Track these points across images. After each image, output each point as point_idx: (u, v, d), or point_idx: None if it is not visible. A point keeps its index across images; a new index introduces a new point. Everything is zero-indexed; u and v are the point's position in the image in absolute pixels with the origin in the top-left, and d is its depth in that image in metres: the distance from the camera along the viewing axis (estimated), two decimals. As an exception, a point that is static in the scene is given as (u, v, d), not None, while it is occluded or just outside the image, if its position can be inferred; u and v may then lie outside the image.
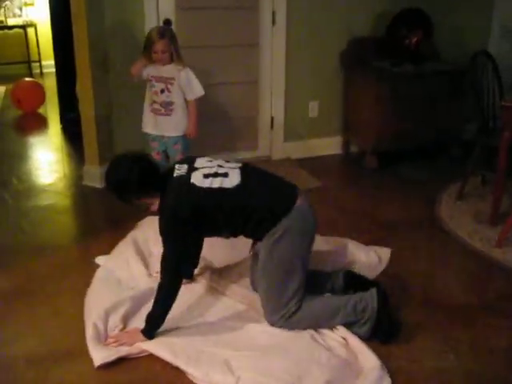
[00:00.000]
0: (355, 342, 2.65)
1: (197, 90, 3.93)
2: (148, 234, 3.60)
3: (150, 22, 4.35)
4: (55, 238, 3.77)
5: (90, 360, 2.56)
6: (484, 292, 3.21)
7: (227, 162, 2.79)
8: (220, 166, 2.71)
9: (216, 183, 2.62)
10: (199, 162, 2.75)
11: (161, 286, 2.65)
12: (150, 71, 3.88)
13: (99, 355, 2.56)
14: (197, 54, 4.61)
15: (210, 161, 2.77)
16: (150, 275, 3.19)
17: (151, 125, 3.99)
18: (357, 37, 5.00)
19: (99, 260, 3.40)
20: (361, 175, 4.87)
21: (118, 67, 4.31)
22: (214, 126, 4.85)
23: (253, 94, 4.95)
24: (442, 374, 2.54)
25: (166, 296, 2.65)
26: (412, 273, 3.34)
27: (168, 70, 3.85)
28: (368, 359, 2.55)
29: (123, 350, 2.59)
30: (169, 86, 3.87)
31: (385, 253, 3.52)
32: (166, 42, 3.75)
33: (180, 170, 2.71)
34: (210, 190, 2.60)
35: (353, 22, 4.98)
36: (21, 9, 8.65)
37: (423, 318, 2.93)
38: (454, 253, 3.61)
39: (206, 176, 2.64)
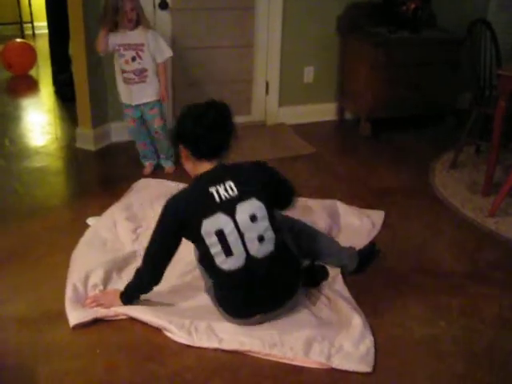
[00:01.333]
0: (340, 302, 2.68)
1: (166, 51, 3.86)
2: (143, 198, 3.62)
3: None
4: (48, 200, 3.76)
5: (82, 321, 2.58)
6: (475, 261, 3.21)
7: (261, 239, 2.45)
8: (240, 238, 2.43)
9: (214, 248, 2.42)
10: (241, 210, 2.43)
11: (138, 268, 2.61)
12: (116, 40, 3.73)
13: (75, 315, 2.58)
14: (191, 17, 4.57)
15: (253, 220, 2.44)
16: (135, 240, 3.19)
17: (126, 95, 3.89)
18: (354, 2, 4.93)
19: (90, 221, 3.40)
20: (355, 142, 4.85)
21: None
22: (208, 89, 4.79)
23: (248, 58, 4.89)
24: (432, 341, 2.56)
25: (140, 279, 2.60)
26: (404, 240, 3.36)
27: (136, 35, 3.74)
28: (352, 317, 2.58)
29: (100, 312, 2.61)
30: (140, 53, 3.76)
31: (378, 216, 3.54)
32: (132, 1, 3.64)
33: (225, 192, 2.43)
34: (202, 238, 2.43)
35: (350, -14, 4.91)
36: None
37: (415, 285, 2.95)
38: (446, 221, 3.62)
39: (218, 233, 2.40)
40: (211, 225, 2.40)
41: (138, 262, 2.94)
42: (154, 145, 4.08)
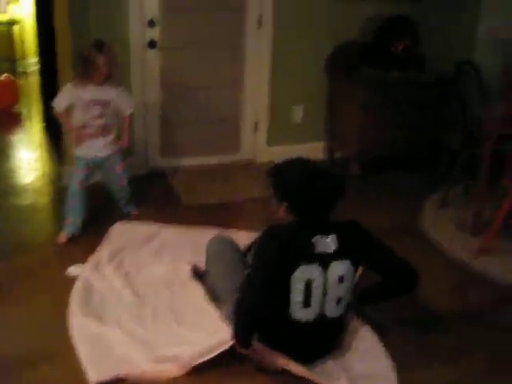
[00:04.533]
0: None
1: (132, 102, 3.83)
2: (125, 244, 3.59)
3: (134, 24, 4.33)
4: (33, 238, 3.73)
5: (65, 361, 2.56)
6: (464, 302, 3.19)
7: (339, 301, 2.46)
8: (323, 295, 2.41)
9: (296, 295, 2.38)
10: (334, 268, 2.40)
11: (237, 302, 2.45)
12: (84, 95, 3.54)
13: (96, 372, 2.49)
14: (180, 55, 4.60)
15: (340, 281, 2.42)
16: (130, 284, 3.16)
17: (86, 148, 3.68)
18: (343, 41, 4.96)
19: (73, 271, 3.30)
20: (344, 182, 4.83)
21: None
22: (197, 128, 4.82)
23: (237, 96, 4.91)
24: (422, 383, 2.52)
25: (237, 313, 2.44)
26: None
27: (105, 91, 3.59)
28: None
29: (120, 369, 2.51)
30: (106, 110, 3.64)
31: None
32: (106, 55, 3.48)
33: (325, 244, 2.39)
34: (288, 280, 2.36)
35: (340, 26, 4.93)
36: (6, 5, 8.54)
37: (403, 329, 2.91)
38: (435, 261, 3.60)
39: (307, 282, 2.36)
40: (305, 272, 2.35)
41: (146, 307, 2.98)
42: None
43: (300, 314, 2.40)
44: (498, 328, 2.95)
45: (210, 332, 2.67)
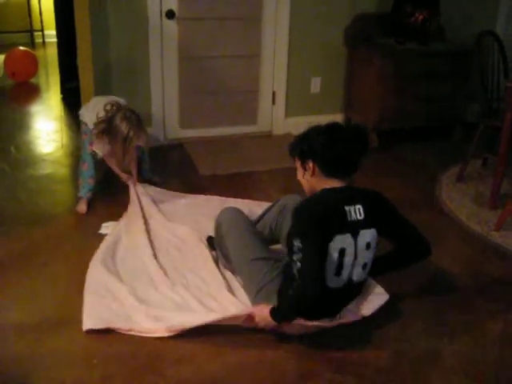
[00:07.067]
0: None
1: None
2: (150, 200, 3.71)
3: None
4: (52, 208, 3.75)
5: (81, 329, 2.57)
6: (480, 275, 3.18)
7: (364, 266, 2.50)
8: (352, 262, 2.44)
9: (330, 264, 2.38)
10: (362, 236, 2.43)
11: (297, 284, 2.37)
12: (104, 150, 3.69)
13: (91, 321, 2.57)
14: (198, 26, 4.58)
15: (367, 247, 2.46)
16: (150, 244, 3.22)
17: None
18: (362, 13, 4.93)
19: (104, 229, 3.42)
20: (361, 154, 4.82)
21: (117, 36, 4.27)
22: (214, 99, 4.81)
23: (254, 67, 4.89)
24: (436, 357, 2.52)
25: (302, 294, 2.34)
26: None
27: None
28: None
29: (114, 322, 2.58)
30: None
31: None
32: (141, 138, 3.58)
33: (354, 213, 2.41)
34: (325, 251, 2.37)
35: (359, -3, 4.91)
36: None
37: (418, 300, 2.91)
38: (451, 235, 3.58)
39: (340, 251, 2.38)
40: (340, 242, 2.38)
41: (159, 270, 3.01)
42: None
43: (331, 282, 2.42)
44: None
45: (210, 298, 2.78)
